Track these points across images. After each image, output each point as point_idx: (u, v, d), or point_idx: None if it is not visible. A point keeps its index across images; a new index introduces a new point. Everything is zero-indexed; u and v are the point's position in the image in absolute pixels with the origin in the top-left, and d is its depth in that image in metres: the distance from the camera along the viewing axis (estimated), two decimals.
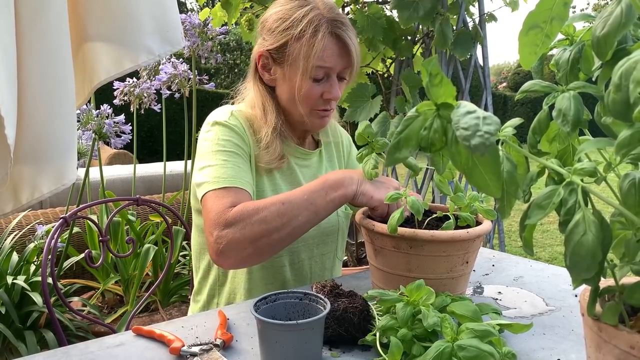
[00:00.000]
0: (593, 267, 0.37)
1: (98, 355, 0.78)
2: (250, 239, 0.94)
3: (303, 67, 1.07)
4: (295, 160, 1.22)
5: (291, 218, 0.95)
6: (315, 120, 1.15)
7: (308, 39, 1.05)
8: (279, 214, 0.95)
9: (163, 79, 2.45)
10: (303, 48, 1.06)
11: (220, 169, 1.03)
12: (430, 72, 0.42)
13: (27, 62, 1.11)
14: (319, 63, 1.07)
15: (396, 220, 0.83)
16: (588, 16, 0.50)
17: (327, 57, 1.07)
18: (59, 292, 1.26)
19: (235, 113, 1.13)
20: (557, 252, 4.26)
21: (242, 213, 0.95)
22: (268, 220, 0.94)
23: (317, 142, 1.32)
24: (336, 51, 1.08)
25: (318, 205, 0.97)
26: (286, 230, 0.95)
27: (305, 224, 0.97)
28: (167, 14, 1.37)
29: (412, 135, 0.43)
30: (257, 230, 0.94)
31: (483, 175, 0.40)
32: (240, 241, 0.94)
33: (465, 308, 0.75)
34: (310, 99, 1.10)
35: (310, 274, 1.21)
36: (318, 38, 1.05)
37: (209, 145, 1.08)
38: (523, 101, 14.70)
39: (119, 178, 3.17)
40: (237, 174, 1.04)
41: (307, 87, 1.09)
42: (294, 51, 1.07)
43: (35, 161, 1.21)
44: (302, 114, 1.12)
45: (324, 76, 1.10)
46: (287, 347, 0.69)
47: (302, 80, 1.08)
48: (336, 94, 1.11)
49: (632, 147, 0.37)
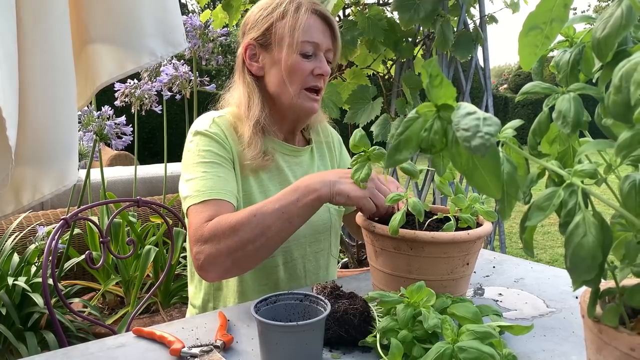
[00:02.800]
0: (593, 268, 0.37)
1: (98, 356, 0.78)
2: (226, 253, 0.95)
3: (289, 41, 1.09)
4: (284, 157, 1.20)
5: (264, 229, 0.95)
6: (305, 102, 1.14)
7: (292, 14, 1.09)
8: (251, 226, 0.95)
9: (164, 81, 2.45)
10: (288, 23, 1.09)
11: (200, 182, 1.04)
12: (430, 74, 0.42)
13: (28, 63, 1.11)
14: (306, 37, 1.09)
15: (397, 222, 0.83)
16: (588, 17, 0.50)
17: (314, 32, 1.11)
18: (59, 293, 1.26)
19: (217, 120, 1.13)
20: (558, 253, 4.26)
21: (216, 228, 0.96)
22: (240, 233, 0.94)
23: (308, 140, 1.31)
24: (321, 28, 1.12)
25: (291, 213, 0.96)
26: (260, 241, 0.95)
27: (279, 233, 0.96)
28: (169, 15, 1.37)
29: (413, 137, 0.43)
30: (231, 243, 0.94)
31: (483, 177, 0.40)
32: (217, 256, 0.95)
33: (465, 309, 0.75)
34: (300, 74, 1.11)
35: (305, 273, 1.20)
36: (302, 12, 1.10)
37: (191, 157, 1.09)
38: (524, 103, 14.70)
39: (120, 179, 3.18)
40: (215, 185, 1.04)
41: (296, 62, 1.10)
42: (279, 29, 1.10)
43: (36, 162, 1.21)
44: (292, 94, 1.12)
45: (312, 53, 1.12)
46: (288, 349, 0.69)
47: (290, 55, 1.10)
48: (326, 69, 1.13)
49: (632, 149, 0.37)
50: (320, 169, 1.28)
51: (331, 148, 1.35)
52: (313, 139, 1.30)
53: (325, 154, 1.32)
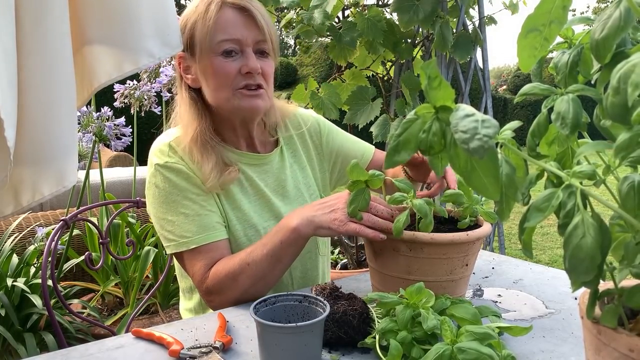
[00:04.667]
0: (592, 269, 0.37)
1: (98, 357, 0.78)
2: (233, 299, 0.99)
3: (208, 45, 1.03)
4: (251, 168, 1.14)
5: (260, 274, 0.97)
6: (242, 102, 1.05)
7: (203, 15, 1.03)
8: (248, 274, 0.97)
9: (163, 82, 2.45)
10: (200, 25, 1.04)
11: (183, 226, 1.02)
12: (429, 75, 0.42)
13: (27, 64, 1.11)
14: (222, 37, 1.02)
15: (402, 223, 0.83)
16: (587, 19, 0.50)
17: (230, 28, 1.03)
18: (58, 294, 1.26)
19: (173, 145, 1.08)
20: (557, 254, 4.26)
21: (217, 280, 0.99)
22: (240, 283, 0.97)
23: (276, 142, 1.22)
24: (239, 21, 1.04)
25: (278, 255, 0.96)
26: (261, 283, 0.98)
27: (276, 272, 0.98)
28: (167, 16, 1.36)
29: (411, 138, 0.44)
30: (235, 293, 0.98)
31: (482, 178, 0.40)
32: (226, 302, 0.99)
33: (464, 311, 0.75)
34: (227, 76, 1.04)
35: (292, 280, 1.16)
36: (211, 9, 1.03)
37: (160, 195, 1.05)
38: (523, 104, 14.71)
39: (119, 180, 3.17)
40: (200, 227, 1.02)
41: (218, 65, 1.03)
42: (197, 36, 1.05)
43: (35, 163, 1.21)
44: (226, 98, 1.05)
45: (236, 51, 1.04)
46: (287, 350, 0.69)
47: (211, 58, 1.03)
48: (253, 65, 1.03)
49: (630, 150, 0.37)
50: (293, 167, 1.22)
51: (305, 138, 1.26)
52: (281, 137, 1.22)
53: (297, 148, 1.24)
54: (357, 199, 0.88)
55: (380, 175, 0.87)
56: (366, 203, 0.88)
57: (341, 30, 2.10)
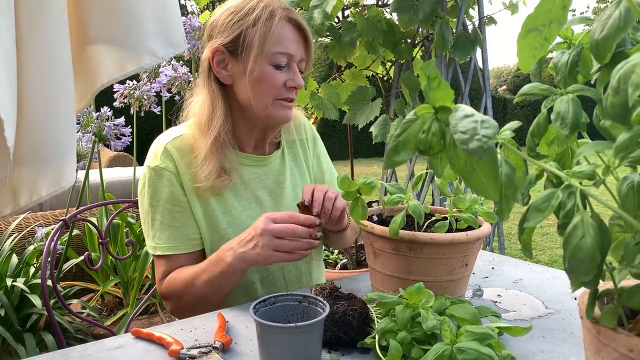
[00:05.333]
0: (592, 270, 0.37)
1: (97, 357, 0.78)
2: (183, 308, 1.07)
3: (262, 52, 1.03)
4: (250, 170, 1.15)
5: (202, 296, 1.04)
6: (279, 111, 1.09)
7: (264, 22, 1.03)
8: (192, 294, 1.03)
9: (163, 82, 2.45)
10: (259, 31, 1.03)
11: (157, 231, 1.08)
12: (428, 76, 0.42)
13: (26, 63, 1.11)
14: (279, 49, 1.04)
15: (398, 224, 0.83)
16: (586, 19, 0.50)
17: (287, 43, 1.06)
18: (58, 294, 1.26)
19: (168, 148, 1.08)
20: (557, 255, 4.26)
21: (169, 289, 1.07)
22: (186, 299, 1.05)
23: (278, 143, 1.25)
24: (295, 38, 1.07)
25: (218, 283, 1.00)
26: (205, 301, 1.03)
27: (218, 294, 1.03)
28: (169, 16, 1.37)
29: (411, 138, 0.43)
30: (183, 304, 1.06)
31: (481, 179, 0.40)
32: (177, 310, 1.10)
33: (464, 311, 0.75)
34: (272, 86, 1.06)
35: (286, 284, 1.16)
36: (275, 21, 1.04)
37: (145, 197, 1.09)
38: (523, 104, 14.72)
39: (119, 180, 3.17)
40: (169, 237, 1.07)
41: (268, 74, 1.05)
42: (251, 37, 1.04)
43: (34, 163, 1.21)
44: (265, 105, 1.07)
45: (285, 64, 1.07)
46: (286, 350, 0.69)
47: (262, 65, 1.04)
48: (300, 82, 1.09)
49: (630, 150, 0.37)
50: (293, 170, 1.24)
51: (305, 145, 1.29)
52: (285, 139, 1.25)
53: (298, 153, 1.27)
54: (355, 210, 0.88)
55: (372, 182, 0.88)
56: (364, 213, 0.88)
57: (341, 30, 2.10)
